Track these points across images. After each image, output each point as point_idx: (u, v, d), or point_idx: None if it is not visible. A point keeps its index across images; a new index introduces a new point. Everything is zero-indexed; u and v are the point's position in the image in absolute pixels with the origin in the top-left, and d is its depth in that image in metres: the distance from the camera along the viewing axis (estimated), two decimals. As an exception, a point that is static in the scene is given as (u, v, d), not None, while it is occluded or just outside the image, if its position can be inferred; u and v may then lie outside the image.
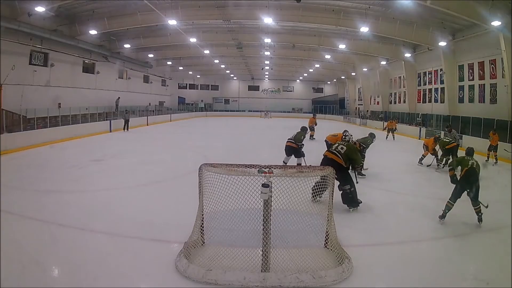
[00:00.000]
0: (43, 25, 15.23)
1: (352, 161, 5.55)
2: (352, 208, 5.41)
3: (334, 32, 19.46)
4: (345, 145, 5.67)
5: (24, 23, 13.98)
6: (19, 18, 13.75)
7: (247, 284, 3.19)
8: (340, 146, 5.65)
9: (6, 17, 13.08)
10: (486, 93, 15.46)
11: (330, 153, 5.61)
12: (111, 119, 18.97)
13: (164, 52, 26.58)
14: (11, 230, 4.37)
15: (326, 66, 30.71)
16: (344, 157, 5.45)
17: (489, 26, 12.97)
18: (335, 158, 5.44)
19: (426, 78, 21.48)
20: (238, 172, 3.53)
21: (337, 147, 5.64)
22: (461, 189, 4.93)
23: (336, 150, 5.58)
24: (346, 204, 5.42)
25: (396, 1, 13.83)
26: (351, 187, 5.38)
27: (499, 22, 12.29)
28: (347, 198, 5.41)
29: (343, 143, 5.79)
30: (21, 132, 11.91)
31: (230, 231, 3.87)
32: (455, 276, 3.56)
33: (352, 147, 5.73)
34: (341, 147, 5.59)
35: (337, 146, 5.69)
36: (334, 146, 5.78)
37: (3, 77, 13.39)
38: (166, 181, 7.50)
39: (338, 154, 5.48)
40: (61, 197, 6.03)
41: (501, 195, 6.62)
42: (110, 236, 4.37)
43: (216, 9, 15.94)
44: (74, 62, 19.48)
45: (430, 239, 4.51)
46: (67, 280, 3.35)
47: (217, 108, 42.35)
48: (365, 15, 15.26)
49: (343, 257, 3.60)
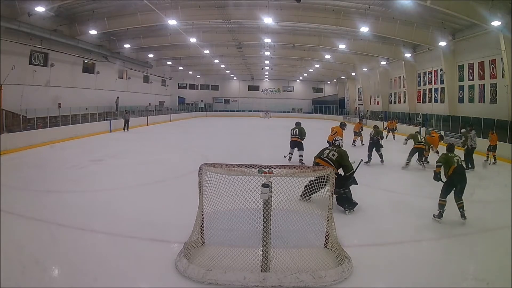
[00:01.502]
0: (43, 25, 15.24)
1: (343, 167, 5.44)
2: (348, 210, 5.32)
3: (334, 32, 19.48)
4: (336, 151, 5.59)
5: (24, 23, 13.99)
6: (19, 18, 13.75)
7: (247, 284, 3.19)
8: (332, 152, 5.57)
9: (6, 17, 13.08)
10: (486, 93, 15.47)
11: (322, 160, 5.55)
12: (111, 119, 18.97)
13: (164, 52, 26.59)
14: (11, 230, 4.37)
15: (326, 66, 30.72)
16: (335, 164, 5.39)
17: (489, 26, 12.97)
18: (326, 165, 5.22)
19: (426, 78, 21.48)
20: (238, 172, 3.53)
21: (328, 154, 5.57)
22: (450, 186, 5.01)
23: (327, 157, 5.52)
24: (341, 206, 5.36)
25: (396, 1, 13.84)
26: (345, 188, 5.35)
27: (499, 22, 12.29)
28: (342, 199, 5.37)
29: (334, 149, 5.69)
30: (21, 132, 11.91)
31: (230, 231, 3.87)
32: (455, 276, 3.56)
33: (343, 153, 5.57)
34: (332, 154, 5.53)
35: (329, 152, 5.61)
36: (325, 152, 5.68)
37: (3, 77, 13.38)
38: (166, 181, 7.50)
39: (330, 161, 5.44)
40: (61, 197, 6.03)
41: (501, 195, 6.62)
42: (110, 236, 4.37)
43: (216, 9, 15.94)
44: (74, 62, 19.49)
45: (430, 239, 4.51)
46: (67, 280, 3.34)
47: (217, 108, 42.37)
48: (365, 15, 15.26)
49: (343, 257, 3.59)
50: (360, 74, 31.05)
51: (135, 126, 20.39)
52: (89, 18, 16.64)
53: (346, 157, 5.52)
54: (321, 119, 35.51)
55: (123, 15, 16.95)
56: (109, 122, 18.19)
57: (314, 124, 22.22)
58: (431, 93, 20.87)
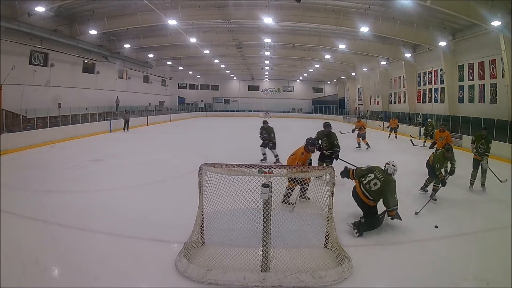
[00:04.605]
0: (43, 25, 15.24)
1: (384, 200, 4.52)
2: (359, 232, 4.45)
3: (334, 32, 19.48)
4: (381, 180, 4.52)
5: (24, 23, 13.99)
6: (19, 18, 13.75)
7: (247, 284, 3.19)
8: (374, 181, 4.54)
9: (6, 17, 13.08)
10: (486, 93, 15.46)
11: (359, 187, 4.68)
12: (111, 119, 18.98)
13: (164, 52, 26.58)
14: (11, 230, 4.37)
15: (326, 66, 30.72)
16: (374, 196, 4.51)
17: (489, 26, 12.96)
18: (363, 198, 4.59)
19: (426, 78, 21.48)
20: (238, 172, 3.54)
21: (370, 182, 4.58)
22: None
23: (366, 188, 4.59)
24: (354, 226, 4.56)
25: (396, 1, 13.84)
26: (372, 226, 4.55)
27: (499, 22, 12.29)
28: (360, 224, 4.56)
29: (380, 176, 4.55)
30: (21, 132, 11.91)
31: (230, 231, 3.87)
32: (455, 276, 3.56)
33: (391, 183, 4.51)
34: (375, 183, 4.51)
35: (371, 179, 4.59)
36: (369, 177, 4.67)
37: (3, 77, 13.39)
38: (166, 181, 7.50)
39: (367, 193, 4.58)
40: (61, 197, 6.02)
41: (501, 195, 6.61)
42: (110, 236, 4.37)
43: (216, 9, 15.94)
44: (74, 62, 19.49)
45: (430, 239, 4.51)
46: (67, 280, 3.35)
47: (217, 108, 42.37)
48: (365, 15, 15.27)
49: (343, 257, 3.59)
50: (360, 74, 31.05)
51: (135, 126, 20.39)
52: (89, 18, 16.64)
53: (394, 189, 4.49)
54: (321, 119, 35.46)
55: (123, 15, 16.95)
56: (109, 122, 18.19)
57: (314, 124, 22.19)
58: (431, 93, 20.87)
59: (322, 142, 7.08)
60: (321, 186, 3.89)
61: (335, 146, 6.97)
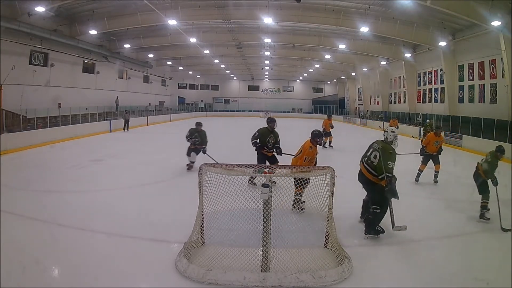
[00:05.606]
0: (43, 25, 15.25)
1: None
2: (369, 234, 4.35)
3: (334, 32, 19.48)
4: (379, 150, 4.28)
5: (24, 23, 14.00)
6: (19, 18, 13.76)
7: (247, 284, 3.19)
8: (374, 153, 4.34)
9: (6, 17, 13.09)
10: (486, 93, 15.47)
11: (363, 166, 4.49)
12: (111, 119, 18.99)
13: (164, 52, 26.60)
14: (11, 230, 4.37)
15: (326, 66, 30.73)
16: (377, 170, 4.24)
17: (489, 26, 12.97)
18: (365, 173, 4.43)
19: (426, 78, 21.49)
20: (238, 172, 3.54)
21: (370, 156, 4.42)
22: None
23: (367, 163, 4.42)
24: (365, 227, 4.43)
25: (396, 1, 13.85)
26: (380, 207, 4.28)
27: (499, 22, 12.29)
28: (367, 220, 4.43)
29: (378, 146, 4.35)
30: (21, 132, 11.91)
31: (230, 231, 3.87)
32: (455, 276, 3.56)
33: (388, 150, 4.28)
34: (375, 155, 4.30)
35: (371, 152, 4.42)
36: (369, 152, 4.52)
37: (3, 77, 13.39)
38: (166, 181, 7.50)
39: (370, 167, 4.40)
40: (61, 197, 6.02)
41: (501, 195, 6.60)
42: (110, 236, 4.37)
43: (216, 9, 15.95)
44: (74, 62, 19.50)
45: (430, 239, 4.50)
46: (67, 280, 3.34)
47: (217, 108, 42.38)
48: (365, 15, 15.28)
49: (343, 257, 3.59)
50: (360, 74, 31.06)
51: (135, 126, 20.38)
52: (89, 18, 16.66)
53: (390, 156, 4.19)
54: (321, 119, 35.42)
55: (123, 15, 16.96)
56: (109, 122, 18.19)
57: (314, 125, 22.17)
58: (431, 93, 20.88)
59: (269, 139, 6.77)
60: (320, 186, 3.88)
61: (278, 143, 6.83)
